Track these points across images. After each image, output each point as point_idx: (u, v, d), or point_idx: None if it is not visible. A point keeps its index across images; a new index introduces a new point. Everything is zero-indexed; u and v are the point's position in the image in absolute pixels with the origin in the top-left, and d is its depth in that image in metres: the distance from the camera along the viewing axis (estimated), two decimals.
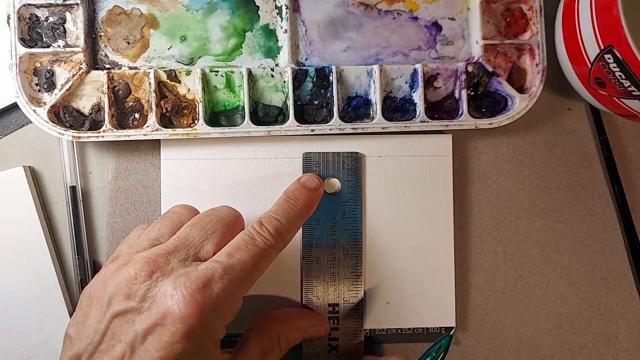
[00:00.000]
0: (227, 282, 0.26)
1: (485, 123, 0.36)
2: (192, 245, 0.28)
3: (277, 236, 0.29)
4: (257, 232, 0.28)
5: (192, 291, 0.25)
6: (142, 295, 0.26)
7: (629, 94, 0.31)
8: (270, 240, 0.28)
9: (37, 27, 0.34)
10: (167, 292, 0.25)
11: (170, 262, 0.27)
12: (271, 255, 0.29)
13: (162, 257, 0.27)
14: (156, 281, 0.26)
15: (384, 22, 0.37)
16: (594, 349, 0.37)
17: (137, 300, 0.25)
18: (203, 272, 0.26)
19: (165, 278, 0.26)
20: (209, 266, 0.26)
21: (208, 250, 0.28)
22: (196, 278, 0.25)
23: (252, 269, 0.27)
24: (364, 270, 0.36)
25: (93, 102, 0.35)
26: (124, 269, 0.27)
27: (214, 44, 0.36)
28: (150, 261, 0.26)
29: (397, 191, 0.36)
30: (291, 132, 0.35)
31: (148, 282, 0.26)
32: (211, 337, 0.26)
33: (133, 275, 0.26)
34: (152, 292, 0.26)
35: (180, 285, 0.25)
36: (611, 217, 0.38)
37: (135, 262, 0.26)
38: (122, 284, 0.26)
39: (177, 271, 0.26)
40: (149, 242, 0.29)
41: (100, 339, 0.26)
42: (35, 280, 0.35)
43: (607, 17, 0.30)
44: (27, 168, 0.35)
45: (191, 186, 0.35)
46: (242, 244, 0.28)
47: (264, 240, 0.28)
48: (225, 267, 0.26)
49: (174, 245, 0.27)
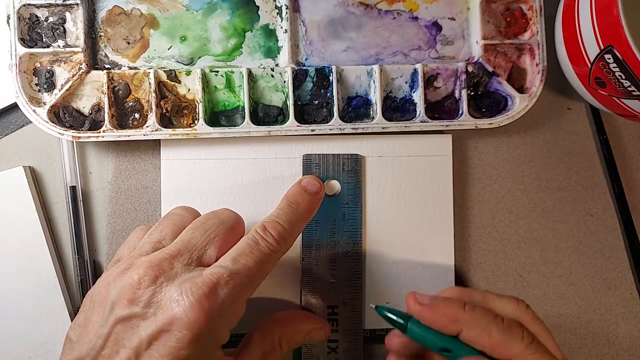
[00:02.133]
0: (232, 288, 0.26)
1: (485, 123, 0.36)
2: (195, 249, 0.27)
3: (280, 241, 0.29)
4: (261, 237, 0.28)
5: (199, 297, 0.25)
6: (147, 300, 0.25)
7: (629, 94, 0.31)
8: (274, 245, 0.28)
9: (37, 27, 0.34)
10: (173, 297, 0.25)
11: (174, 267, 0.26)
12: (274, 260, 0.29)
13: (165, 261, 0.26)
14: (160, 286, 0.26)
15: (384, 22, 0.37)
16: (594, 349, 0.37)
17: (141, 306, 0.25)
18: (209, 277, 0.26)
19: (169, 283, 0.26)
20: (214, 271, 0.26)
21: (211, 254, 0.28)
22: (202, 283, 0.25)
23: (256, 274, 0.27)
24: (364, 271, 0.36)
25: (93, 102, 0.35)
26: (127, 273, 0.26)
27: (214, 44, 0.36)
28: (154, 265, 0.26)
29: (397, 191, 0.36)
30: (291, 132, 0.35)
31: (152, 288, 0.26)
32: (215, 342, 0.26)
33: (137, 280, 0.26)
34: (156, 297, 0.25)
35: (186, 291, 0.25)
36: (611, 217, 0.38)
37: (139, 267, 0.26)
38: (125, 289, 0.26)
39: (182, 276, 0.26)
40: (151, 245, 0.29)
41: (102, 344, 0.25)
42: (35, 280, 0.35)
43: (607, 17, 0.30)
44: (27, 168, 0.35)
45: (191, 186, 0.35)
46: (246, 249, 0.28)
47: (267, 245, 0.28)
48: (231, 272, 0.26)
49: (177, 249, 0.27)
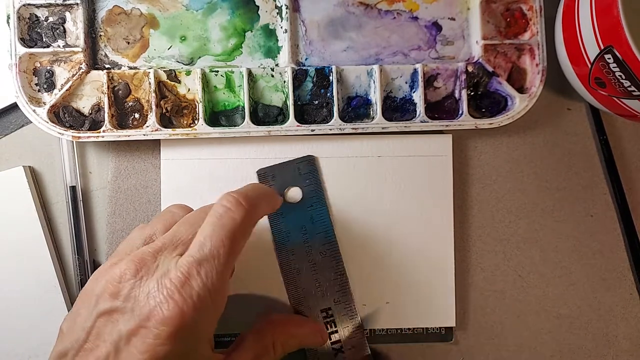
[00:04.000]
0: (205, 276, 0.25)
1: (485, 123, 0.36)
2: (179, 242, 0.27)
3: (247, 204, 0.27)
4: (223, 208, 0.27)
5: (172, 292, 0.25)
6: (126, 294, 0.25)
7: (629, 94, 0.31)
8: (239, 211, 0.27)
9: (36, 27, 0.34)
10: (151, 292, 0.25)
11: (157, 260, 0.26)
12: (245, 230, 0.28)
13: (148, 255, 0.26)
14: (141, 280, 0.26)
15: (384, 22, 0.37)
16: (594, 349, 0.37)
17: (121, 300, 0.25)
18: (180, 270, 0.25)
19: (149, 277, 0.26)
20: (183, 262, 0.26)
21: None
22: (175, 278, 0.25)
23: (227, 253, 0.26)
24: (348, 266, 0.35)
25: (93, 102, 0.35)
26: (113, 268, 0.27)
27: (214, 44, 0.36)
28: (136, 260, 0.26)
29: (397, 191, 0.36)
30: (291, 132, 0.35)
31: (132, 281, 0.26)
32: (199, 336, 0.26)
33: (119, 274, 0.26)
34: (135, 291, 0.25)
35: (162, 286, 0.25)
36: (611, 217, 0.38)
37: (123, 262, 0.26)
38: (108, 283, 0.26)
39: (162, 269, 0.26)
40: (142, 240, 0.29)
41: (85, 337, 0.25)
42: (35, 280, 0.35)
43: (607, 17, 0.30)
44: (27, 168, 0.35)
45: (191, 186, 0.35)
46: (208, 230, 0.26)
47: (232, 215, 0.27)
48: (199, 260, 0.26)
49: (162, 243, 0.27)
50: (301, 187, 0.35)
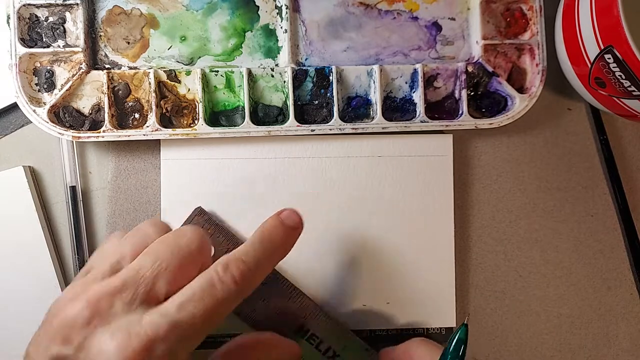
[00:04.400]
0: (171, 344, 0.23)
1: (485, 123, 0.36)
2: (142, 283, 0.24)
3: (241, 283, 0.25)
4: (219, 279, 0.25)
5: (128, 354, 0.22)
6: (78, 344, 0.23)
7: (629, 94, 0.31)
8: (233, 289, 0.25)
9: (37, 27, 0.34)
10: (103, 347, 0.23)
11: (114, 305, 0.24)
12: (231, 304, 0.25)
13: (105, 298, 0.24)
14: (94, 329, 0.23)
15: (384, 22, 0.37)
16: (594, 349, 0.37)
17: (72, 349, 0.23)
18: (145, 330, 0.23)
19: (104, 327, 0.23)
20: (153, 320, 0.23)
21: (160, 288, 0.25)
22: (136, 336, 0.23)
23: (204, 324, 0.24)
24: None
25: (93, 102, 0.35)
26: (70, 305, 0.24)
27: (214, 44, 0.36)
28: (91, 304, 0.24)
29: (397, 191, 0.36)
30: (291, 132, 0.35)
31: (85, 330, 0.23)
32: None
33: (72, 318, 0.24)
34: (88, 342, 0.23)
35: (117, 342, 0.23)
36: (611, 217, 0.38)
37: (79, 301, 0.24)
38: (61, 325, 0.24)
39: (119, 320, 0.24)
40: (109, 266, 0.26)
41: None
42: (35, 280, 0.35)
43: (607, 17, 0.30)
44: (27, 168, 0.35)
45: (191, 186, 0.35)
46: (198, 293, 0.24)
47: (225, 289, 0.25)
48: (172, 323, 0.23)
49: (122, 283, 0.25)
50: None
